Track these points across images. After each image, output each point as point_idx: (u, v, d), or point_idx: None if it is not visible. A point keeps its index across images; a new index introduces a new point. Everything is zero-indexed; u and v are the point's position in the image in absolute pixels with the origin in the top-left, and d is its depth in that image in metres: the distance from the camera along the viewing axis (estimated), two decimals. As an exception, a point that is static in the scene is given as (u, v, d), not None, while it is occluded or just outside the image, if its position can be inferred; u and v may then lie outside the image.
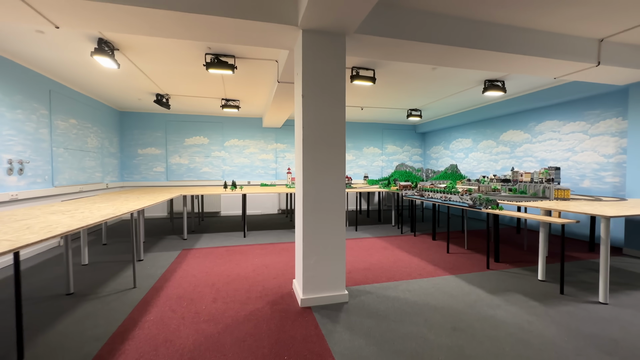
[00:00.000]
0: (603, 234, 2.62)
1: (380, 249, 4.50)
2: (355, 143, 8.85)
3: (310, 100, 2.55)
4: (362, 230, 5.90)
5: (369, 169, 8.99)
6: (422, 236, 5.38)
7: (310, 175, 2.56)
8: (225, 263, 3.80)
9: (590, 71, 3.58)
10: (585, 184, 4.95)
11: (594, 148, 4.81)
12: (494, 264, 3.75)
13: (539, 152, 5.71)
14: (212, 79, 4.79)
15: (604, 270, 2.63)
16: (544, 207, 3.06)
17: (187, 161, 7.66)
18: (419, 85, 5.17)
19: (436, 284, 3.08)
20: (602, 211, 2.66)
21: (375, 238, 5.24)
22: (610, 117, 4.60)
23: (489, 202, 3.60)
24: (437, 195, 4.67)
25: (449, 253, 4.26)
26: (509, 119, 6.36)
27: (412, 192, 5.36)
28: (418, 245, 4.69)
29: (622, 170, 4.45)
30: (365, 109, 7.07)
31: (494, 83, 4.85)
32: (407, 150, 9.32)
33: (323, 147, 2.58)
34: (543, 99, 5.33)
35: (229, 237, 5.32)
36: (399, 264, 3.77)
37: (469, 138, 7.52)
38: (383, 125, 9.04)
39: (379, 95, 5.89)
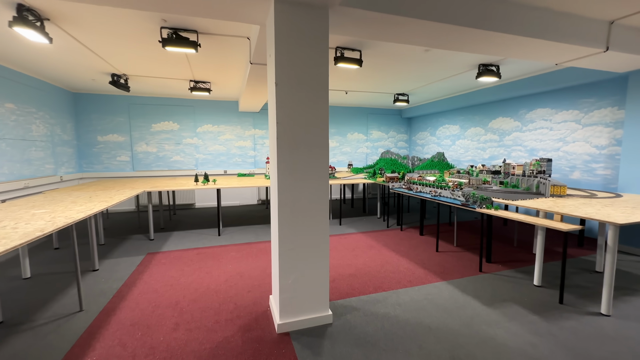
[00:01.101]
0: (611, 242, 2.39)
1: (366, 248, 4.21)
2: (339, 129, 8.39)
3: (285, 90, 2.07)
4: (347, 224, 5.59)
5: (353, 156, 8.62)
6: (409, 230, 5.13)
7: (287, 183, 2.14)
8: (195, 271, 3.38)
9: (596, 57, 3.27)
10: (575, 175, 4.80)
11: (586, 138, 4.63)
12: (486, 265, 3.54)
13: (529, 141, 5.50)
14: (175, 58, 4.13)
15: (609, 282, 2.42)
16: (544, 209, 2.80)
17: (156, 149, 6.97)
18: (409, 68, 4.73)
19: (428, 295, 2.81)
20: (611, 216, 2.42)
21: (360, 234, 4.94)
22: (606, 106, 4.38)
23: (483, 200, 3.32)
24: (426, 189, 4.38)
25: (438, 252, 4.02)
26: (499, 106, 6.09)
27: (399, 184, 5.04)
28: (405, 243, 4.43)
29: (614, 163, 4.30)
30: (349, 93, 6.58)
31: (489, 68, 4.49)
32: (393, 136, 8.98)
33: (302, 149, 2.15)
34: (536, 86, 5.05)
35: (202, 235, 4.85)
36: (386, 267, 3.48)
37: (457, 125, 7.24)
38: (368, 109, 8.59)
39: (365, 79, 5.42)
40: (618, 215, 2.50)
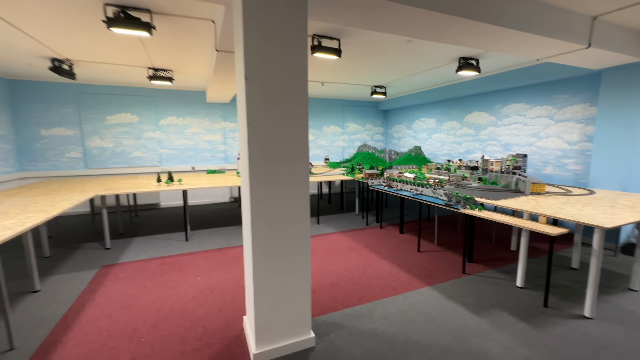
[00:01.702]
0: (596, 245, 2.35)
1: (346, 249, 4.01)
2: (315, 121, 8.07)
3: (257, 87, 1.75)
4: (325, 223, 5.37)
5: (330, 149, 8.37)
6: (389, 228, 5.02)
7: (260, 194, 1.83)
8: (158, 287, 2.99)
9: (577, 53, 3.22)
10: (547, 170, 4.90)
11: (559, 134, 4.71)
12: (469, 266, 3.47)
13: (504, 136, 5.55)
14: (127, 42, 3.59)
15: (593, 285, 2.39)
16: (529, 211, 2.73)
17: (112, 144, 6.27)
18: (390, 60, 4.50)
19: (414, 304, 2.66)
20: (595, 218, 2.38)
21: (340, 233, 4.74)
22: (578, 102, 4.45)
23: (467, 200, 3.22)
24: (406, 187, 4.24)
25: (420, 252, 3.92)
26: (475, 100, 6.08)
27: (378, 181, 4.88)
28: (386, 242, 4.29)
29: (584, 158, 4.41)
30: (326, 84, 6.27)
31: (469, 61, 4.38)
32: (369, 129, 8.83)
33: (279, 154, 1.84)
34: (511, 80, 5.05)
35: (167, 241, 4.41)
36: (369, 272, 3.31)
37: (433, 118, 7.21)
38: (344, 101, 8.34)
39: (343, 70, 5.13)
40: (601, 216, 2.46)
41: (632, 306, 2.61)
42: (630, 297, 2.76)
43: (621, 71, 3.73)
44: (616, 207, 2.78)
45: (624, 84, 3.72)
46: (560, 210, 2.66)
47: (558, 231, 2.40)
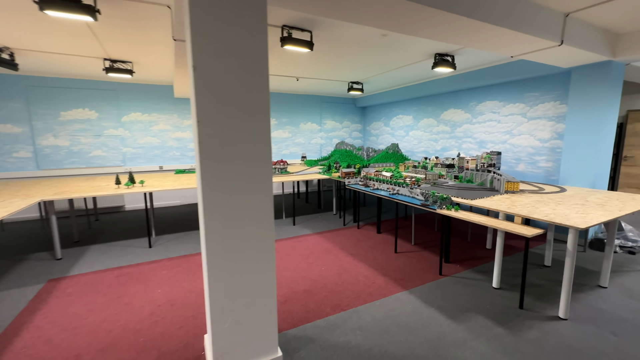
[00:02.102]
0: (571, 246, 2.32)
1: (322, 252, 3.85)
2: (291, 118, 7.83)
3: (208, 79, 1.52)
4: (301, 224, 5.18)
5: (307, 147, 8.17)
6: (366, 228, 4.91)
7: (216, 205, 1.61)
8: (110, 303, 2.69)
9: (550, 51, 3.20)
10: (520, 167, 4.96)
11: (531, 132, 4.77)
12: (445, 267, 3.41)
13: (479, 133, 5.58)
14: (71, 28, 3.20)
15: (567, 286, 2.37)
16: (504, 211, 2.67)
17: (68, 142, 5.74)
18: (365, 55, 4.35)
19: (390, 311, 2.54)
20: (569, 218, 2.34)
21: (316, 235, 4.58)
22: (549, 100, 4.51)
23: (444, 200, 3.14)
24: (383, 186, 4.13)
25: (396, 253, 3.82)
26: (451, 97, 6.08)
27: (355, 180, 4.75)
28: (363, 243, 4.17)
29: (555, 156, 4.48)
30: (301, 79, 6.05)
31: (444, 58, 4.31)
32: (347, 126, 8.70)
33: (236, 156, 1.63)
34: (485, 78, 5.05)
35: (128, 248, 4.06)
36: (345, 276, 3.16)
37: (410, 115, 7.17)
38: (321, 98, 8.14)
39: (318, 65, 4.93)
40: (574, 216, 2.44)
41: (602, 304, 2.62)
42: (600, 294, 2.78)
43: (589, 70, 3.78)
44: (587, 206, 2.78)
45: (591, 82, 3.78)
46: (535, 210, 2.62)
47: (533, 232, 2.35)
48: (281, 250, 3.96)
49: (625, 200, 3.00)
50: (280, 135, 7.71)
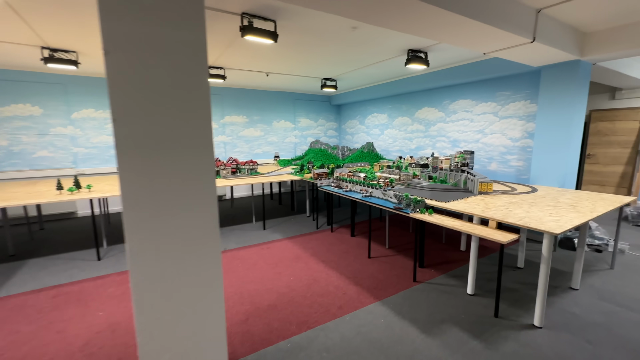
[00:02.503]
0: (546, 252, 2.22)
1: (292, 260, 3.60)
2: (264, 116, 7.49)
3: (125, 65, 1.21)
4: (272, 228, 4.90)
5: (281, 146, 7.86)
6: (340, 231, 4.71)
7: (140, 220, 1.31)
8: (38, 332, 2.29)
9: (522, 48, 3.12)
10: (492, 166, 4.95)
11: (503, 131, 4.76)
12: (420, 272, 3.27)
13: (452, 132, 5.54)
14: None
15: (542, 294, 2.27)
16: (478, 214, 2.55)
17: (7, 142, 5.08)
18: (336, 49, 4.12)
19: (361, 327, 2.34)
20: (544, 222, 2.24)
21: (287, 240, 4.31)
22: (520, 99, 4.51)
23: (417, 203, 2.98)
24: (356, 188, 3.94)
25: (370, 258, 3.65)
26: (425, 96, 6.01)
27: (328, 181, 4.53)
28: (336, 248, 3.96)
29: (525, 155, 4.49)
30: (271, 75, 5.73)
31: (418, 54, 4.17)
32: (322, 124, 8.47)
33: (167, 165, 1.33)
34: (458, 76, 5.00)
35: (73, 261, 3.60)
36: (314, 288, 2.93)
37: (385, 113, 7.06)
38: (295, 95, 7.85)
39: (287, 59, 4.64)
40: (548, 219, 2.35)
41: (575, 308, 2.56)
42: (572, 297, 2.73)
43: (558, 69, 3.77)
44: (559, 207, 2.72)
45: (560, 81, 3.78)
46: (509, 213, 2.52)
47: (509, 238, 2.23)
48: (247, 258, 3.66)
49: (594, 200, 2.98)
50: (251, 133, 7.34)
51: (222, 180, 4.63)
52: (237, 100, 7.02)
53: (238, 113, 7.09)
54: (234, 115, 7.05)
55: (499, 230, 2.41)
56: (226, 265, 3.48)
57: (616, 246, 3.27)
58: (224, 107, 6.89)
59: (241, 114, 7.14)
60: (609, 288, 2.88)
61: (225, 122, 6.95)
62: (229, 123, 7.00)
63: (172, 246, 1.40)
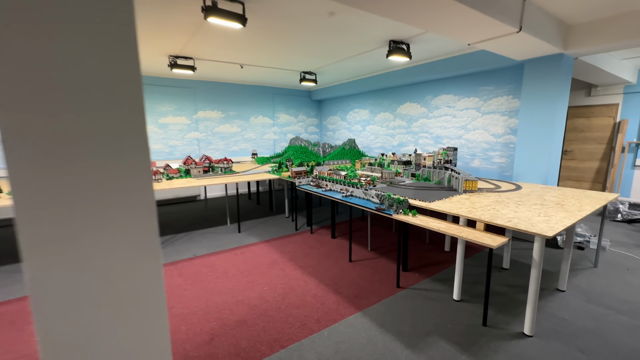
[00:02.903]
0: (537, 256, 2.06)
1: (267, 266, 3.32)
2: (240, 111, 7.11)
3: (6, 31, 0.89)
4: (248, 230, 4.58)
5: (259, 143, 7.51)
6: (320, 232, 4.46)
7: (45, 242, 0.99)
8: (-47, 368, 1.90)
9: (507, 39, 2.97)
10: (475, 163, 4.86)
11: (485, 127, 4.66)
12: (403, 276, 3.08)
13: (435, 128, 5.41)
14: None
15: (533, 301, 2.11)
16: (464, 215, 2.37)
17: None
18: (313, 38, 3.85)
19: (340, 343, 2.10)
20: (534, 224, 2.08)
21: (263, 244, 4.02)
22: (502, 94, 4.42)
23: (400, 204, 2.77)
24: (337, 187, 3.70)
25: (351, 262, 3.43)
26: (407, 91, 5.85)
27: (307, 180, 4.27)
28: (315, 251, 3.72)
29: (508, 151, 4.41)
30: (246, 67, 5.38)
31: (399, 46, 3.97)
32: (302, 120, 8.18)
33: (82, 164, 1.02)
34: (441, 70, 4.85)
35: (14, 274, 3.16)
36: (290, 298, 2.67)
37: (367, 109, 6.86)
38: (273, 89, 7.51)
39: (261, 49, 4.32)
40: (538, 219, 2.19)
41: (564, 312, 2.44)
42: (560, 300, 2.62)
43: (542, 63, 3.67)
44: (547, 206, 2.59)
45: (544, 76, 3.68)
46: (497, 214, 2.35)
47: (499, 242, 2.05)
48: (218, 266, 3.35)
49: (579, 198, 2.89)
50: (227, 130, 6.95)
51: (193, 180, 4.26)
52: (211, 94, 6.61)
53: (212, 108, 6.68)
54: (208, 111, 6.63)
55: (487, 233, 2.23)
56: (194, 274, 3.16)
57: (600, 244, 3.21)
58: (197, 101, 6.46)
59: (216, 109, 6.73)
60: (595, 289, 2.79)
61: (198, 118, 6.52)
62: (202, 119, 6.58)
63: (92, 268, 1.09)
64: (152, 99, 5.91)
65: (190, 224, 4.93)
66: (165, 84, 6.00)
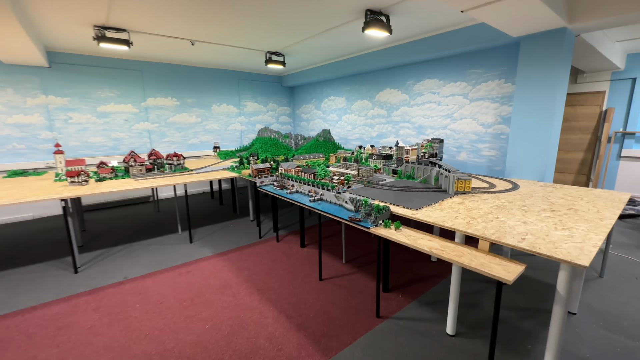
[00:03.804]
0: (563, 290, 1.52)
1: (217, 291, 2.64)
2: (199, 98, 6.22)
3: None
4: (203, 239, 3.85)
5: (224, 134, 6.68)
6: (288, 240, 3.81)
7: None
8: None
9: (507, 3, 2.38)
10: (462, 156, 4.35)
11: (473, 115, 4.14)
12: (384, 299, 2.50)
13: (417, 117, 4.84)
14: None
15: (555, 347, 1.58)
16: (462, 231, 1.79)
17: None
18: (275, 9, 3.10)
19: (297, 421, 1.49)
20: (560, 247, 1.54)
21: (217, 257, 3.33)
22: (493, 78, 3.89)
23: (380, 213, 2.16)
24: (304, 188, 3.05)
25: (322, 280, 2.81)
26: (386, 75, 5.23)
27: (270, 179, 3.58)
28: (279, 267, 3.07)
29: (499, 143, 3.92)
30: (199, 45, 4.53)
31: (378, 17, 3.30)
32: (273, 109, 7.40)
33: None
34: (424, 50, 4.24)
35: None
36: (238, 341, 2.02)
37: (343, 96, 6.20)
38: (238, 74, 6.66)
39: (213, 22, 3.52)
40: (559, 236, 1.66)
41: (580, 345, 1.95)
42: (574, 328, 2.14)
43: (542, 39, 3.15)
44: (559, 212, 2.07)
45: (543, 55, 3.16)
46: (503, 227, 1.80)
47: (515, 274, 1.48)
48: (153, 292, 2.63)
49: (590, 199, 2.40)
50: (184, 120, 6.06)
51: (130, 181, 3.45)
52: (162, 78, 5.68)
53: (165, 94, 5.76)
54: (160, 98, 5.72)
55: (496, 257, 1.66)
56: (116, 307, 2.43)
57: (607, 251, 2.78)
58: (146, 86, 5.52)
59: (170, 96, 5.82)
60: (609, 309, 2.34)
61: (148, 106, 5.60)
62: (153, 107, 5.66)
63: None
64: (85, 83, 4.93)
65: (134, 233, 4.12)
66: (102, 65, 5.03)
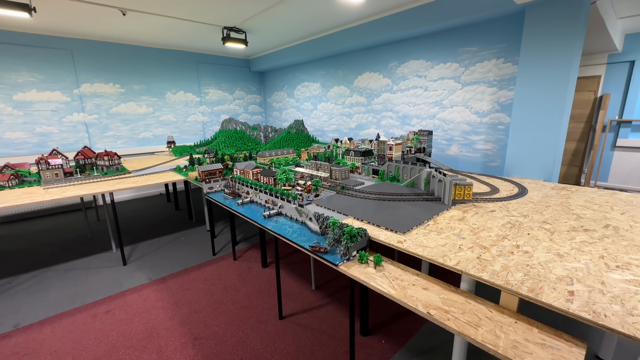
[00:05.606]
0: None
1: (137, 344, 1.93)
2: (149, 84, 5.30)
3: None
4: (140, 260, 3.09)
5: (182, 127, 5.81)
6: (248, 256, 3.12)
7: None
8: None
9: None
10: (452, 150, 3.76)
11: (466, 102, 3.54)
12: (362, 348, 1.88)
13: (401, 105, 4.20)
14: None
15: None
16: (473, 277, 1.17)
17: None
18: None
19: None
20: (635, 315, 0.94)
21: (154, 286, 2.60)
22: (490, 57, 3.28)
23: (354, 240, 1.51)
24: (261, 197, 2.35)
25: (282, 319, 2.16)
26: (366, 56, 4.53)
27: (220, 184, 2.86)
28: (231, 297, 2.39)
29: (496, 134, 3.34)
30: (133, 14, 3.64)
31: (351, -25, 2.58)
32: (240, 97, 6.55)
33: None
34: (409, 24, 3.55)
35: None
36: None
37: (317, 82, 5.46)
38: (196, 55, 5.75)
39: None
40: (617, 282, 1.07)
41: (631, 421, 1.41)
42: (612, 386, 1.60)
43: (551, 7, 2.54)
44: (599, 235, 1.50)
45: (553, 26, 2.56)
46: (534, 269, 1.19)
47: None
48: (47, 349, 1.89)
49: (622, 208, 1.86)
50: (131, 110, 5.15)
51: (35, 190, 2.63)
52: (99, 59, 4.72)
53: (106, 80, 4.82)
54: (99, 83, 4.77)
55: (532, 328, 1.05)
56: (-21, 383, 1.68)
57: None
58: (78, 69, 4.56)
59: (111, 81, 4.88)
60: (649, 351, 1.82)
61: (83, 93, 4.65)
62: (90, 94, 4.71)
63: None
64: (-7, 64, 3.95)
65: (55, 252, 3.30)
66: (14, 42, 4.04)
